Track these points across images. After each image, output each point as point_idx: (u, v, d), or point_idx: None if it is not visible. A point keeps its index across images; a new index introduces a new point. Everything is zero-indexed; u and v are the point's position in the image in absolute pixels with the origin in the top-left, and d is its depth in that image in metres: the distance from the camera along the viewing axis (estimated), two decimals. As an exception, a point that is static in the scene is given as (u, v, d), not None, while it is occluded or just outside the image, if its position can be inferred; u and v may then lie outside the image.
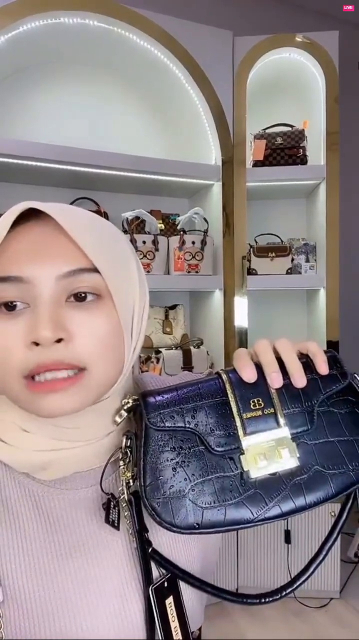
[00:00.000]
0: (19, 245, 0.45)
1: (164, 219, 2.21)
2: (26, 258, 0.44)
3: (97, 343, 0.45)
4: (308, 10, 2.74)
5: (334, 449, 0.48)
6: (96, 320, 0.45)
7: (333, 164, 2.07)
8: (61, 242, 0.45)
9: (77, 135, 1.97)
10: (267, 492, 0.46)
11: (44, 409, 0.44)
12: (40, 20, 1.76)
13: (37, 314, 0.43)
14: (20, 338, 0.43)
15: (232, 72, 2.05)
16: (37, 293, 0.44)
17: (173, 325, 2.13)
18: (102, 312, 0.46)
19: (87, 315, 0.45)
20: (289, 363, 0.48)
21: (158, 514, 0.44)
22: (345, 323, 2.25)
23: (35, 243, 0.45)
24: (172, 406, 0.47)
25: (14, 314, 0.44)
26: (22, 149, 1.70)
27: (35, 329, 0.42)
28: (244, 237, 2.06)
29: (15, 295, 0.44)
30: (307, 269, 2.17)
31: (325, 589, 2.09)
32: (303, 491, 0.47)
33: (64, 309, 0.44)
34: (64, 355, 0.43)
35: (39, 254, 0.44)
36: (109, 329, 0.46)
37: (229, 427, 0.47)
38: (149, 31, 1.88)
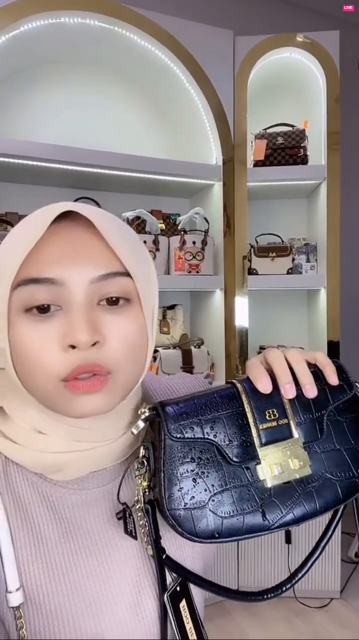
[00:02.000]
0: (52, 247, 0.44)
1: (165, 219, 2.21)
2: (60, 260, 0.44)
3: (127, 346, 0.46)
4: (309, 10, 2.74)
5: (341, 457, 0.51)
6: (127, 325, 0.46)
7: (334, 163, 2.07)
8: (95, 245, 0.45)
9: (77, 135, 1.97)
10: (282, 500, 0.48)
11: (78, 409, 0.45)
12: (41, 20, 1.76)
13: (73, 317, 0.43)
14: (55, 341, 0.43)
15: (233, 71, 2.05)
16: (71, 296, 0.44)
17: (171, 325, 2.13)
18: (132, 316, 0.47)
19: (119, 319, 0.46)
20: (301, 374, 0.49)
21: (180, 525, 0.45)
22: (346, 323, 2.25)
23: (69, 245, 0.45)
24: (192, 417, 0.48)
25: (46, 316, 0.44)
26: (22, 149, 1.70)
27: (73, 332, 0.43)
28: (244, 237, 2.06)
29: (48, 297, 0.43)
30: (308, 269, 2.17)
31: (326, 589, 2.09)
32: (314, 498, 0.49)
33: (96, 312, 0.45)
34: (98, 358, 0.44)
35: (73, 257, 0.44)
36: (137, 333, 0.47)
37: (246, 437, 0.48)
38: (149, 31, 1.87)
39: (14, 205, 1.97)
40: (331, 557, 2.09)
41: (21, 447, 0.48)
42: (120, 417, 0.51)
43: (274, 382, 0.49)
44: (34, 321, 0.44)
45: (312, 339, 2.35)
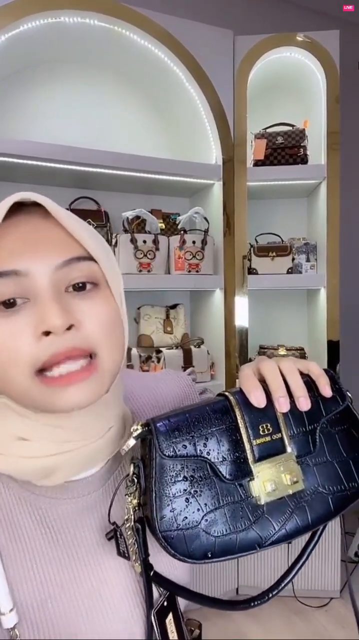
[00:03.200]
0: (10, 239, 0.43)
1: (165, 219, 2.21)
2: (21, 251, 0.43)
3: (103, 328, 0.45)
4: (309, 10, 2.73)
5: (334, 470, 0.50)
6: (98, 308, 0.45)
7: (334, 163, 2.07)
8: (54, 233, 0.44)
9: (77, 135, 1.96)
10: (275, 516, 0.47)
11: (61, 403, 0.43)
12: (41, 20, 1.76)
13: (43, 304, 0.42)
14: (27, 332, 0.42)
15: (233, 71, 2.05)
16: (37, 285, 0.42)
17: (174, 324, 2.13)
18: (102, 299, 0.46)
19: (89, 303, 0.45)
20: (294, 386, 0.48)
21: (172, 547, 0.44)
22: (345, 323, 2.25)
23: (28, 235, 0.44)
24: (184, 434, 0.46)
25: (13, 310, 0.42)
26: (22, 149, 1.70)
27: (45, 318, 0.41)
28: (244, 236, 2.06)
29: (14, 291, 0.42)
30: (307, 269, 2.17)
31: (325, 588, 2.09)
32: (307, 512, 0.48)
33: (66, 298, 0.44)
34: (76, 342, 0.43)
35: (34, 246, 0.43)
36: (111, 315, 0.46)
37: (240, 454, 0.47)
38: (149, 30, 1.87)
39: (13, 204, 1.97)
40: (331, 557, 2.09)
41: (5, 457, 0.45)
42: (104, 411, 0.49)
43: (268, 395, 0.48)
44: (0, 317, 0.42)
45: (312, 338, 2.35)
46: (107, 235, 2.05)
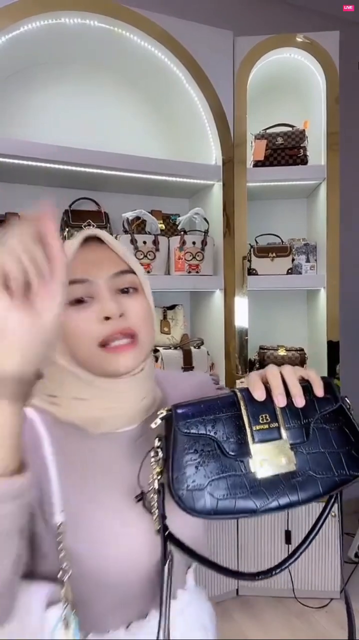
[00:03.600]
0: (80, 259, 0.63)
1: (165, 219, 2.21)
2: (88, 267, 0.63)
3: (141, 318, 0.64)
4: (309, 11, 2.74)
5: (324, 459, 0.60)
6: (138, 305, 0.65)
7: (334, 164, 2.07)
8: (108, 254, 0.65)
9: (77, 135, 1.97)
10: (269, 490, 0.57)
11: (114, 366, 0.61)
12: (41, 21, 1.76)
13: (103, 300, 0.61)
14: (93, 319, 0.61)
15: (233, 72, 2.05)
16: (99, 288, 0.62)
17: (171, 325, 2.13)
18: (139, 299, 0.66)
19: (132, 301, 0.64)
20: (291, 387, 0.58)
21: (182, 502, 0.55)
22: (345, 323, 2.25)
23: (92, 256, 0.64)
24: (197, 417, 0.58)
25: (82, 306, 0.62)
26: (22, 149, 1.70)
27: (105, 309, 0.61)
28: (244, 237, 2.06)
29: (82, 292, 0.62)
30: (307, 269, 2.17)
31: (325, 589, 2.09)
32: (297, 490, 0.59)
33: (117, 297, 0.63)
34: (124, 325, 0.62)
35: (96, 264, 0.63)
36: (146, 310, 0.66)
37: (242, 436, 0.58)
38: (149, 31, 1.88)
39: (14, 205, 1.97)
40: (331, 557, 2.09)
41: (66, 410, 0.63)
42: (141, 384, 0.66)
43: (269, 393, 0.58)
44: (75, 310, 0.61)
45: (312, 339, 2.35)
46: (107, 236, 2.05)
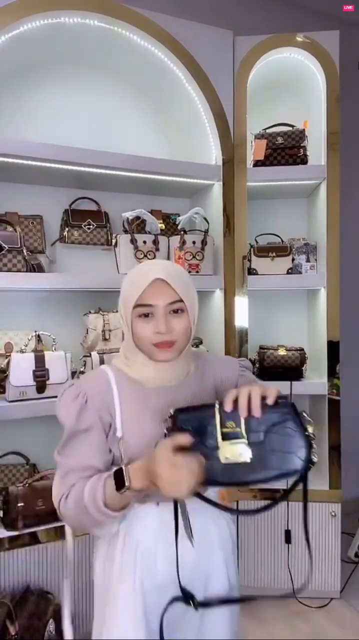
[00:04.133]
0: (149, 290, 0.95)
1: (165, 219, 2.21)
2: (153, 296, 0.95)
3: (181, 333, 0.98)
4: (309, 10, 2.73)
5: (276, 456, 0.86)
6: (183, 323, 0.98)
7: (334, 163, 2.07)
8: (166, 288, 0.95)
9: (77, 135, 1.96)
10: (232, 472, 0.85)
11: (158, 358, 0.98)
12: (41, 20, 1.76)
13: (159, 319, 0.95)
14: (150, 330, 0.96)
15: (233, 71, 2.05)
16: (158, 310, 0.95)
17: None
18: (185, 319, 0.98)
19: (178, 320, 0.97)
20: (254, 406, 0.87)
21: None
22: (345, 323, 2.25)
23: (156, 289, 0.95)
24: (189, 417, 0.88)
25: (147, 319, 0.97)
26: (22, 149, 1.70)
27: (159, 326, 0.95)
28: (244, 237, 2.06)
29: (148, 311, 0.96)
30: (307, 269, 2.17)
31: (325, 589, 2.09)
32: (254, 475, 0.85)
33: (168, 316, 0.96)
34: (169, 339, 0.96)
35: (158, 295, 0.95)
36: (187, 326, 0.99)
37: (214, 435, 0.86)
38: (149, 31, 1.88)
39: (14, 205, 1.97)
40: (331, 557, 2.09)
41: (137, 373, 1.01)
42: (179, 367, 1.03)
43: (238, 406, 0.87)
44: (142, 321, 0.97)
45: (312, 339, 2.35)
46: (107, 236, 2.05)
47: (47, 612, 1.59)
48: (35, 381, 1.69)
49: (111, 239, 2.03)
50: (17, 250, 1.70)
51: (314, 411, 2.33)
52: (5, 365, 1.72)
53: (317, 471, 2.26)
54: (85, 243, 2.02)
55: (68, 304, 2.06)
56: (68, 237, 1.99)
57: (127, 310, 0.97)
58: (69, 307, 2.06)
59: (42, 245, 1.98)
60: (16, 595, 1.61)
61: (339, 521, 2.09)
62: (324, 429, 2.12)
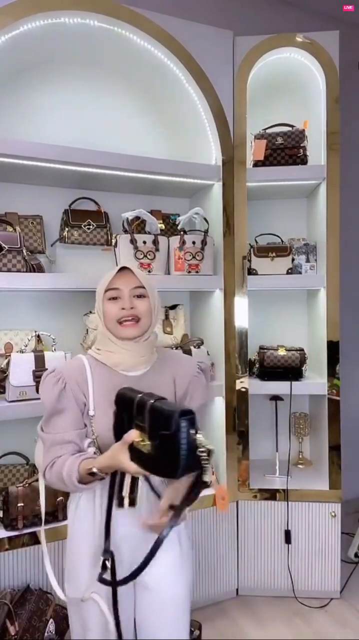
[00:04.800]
0: (116, 279, 1.17)
1: (165, 219, 2.21)
2: (120, 282, 1.17)
3: (144, 311, 1.16)
4: (308, 10, 2.74)
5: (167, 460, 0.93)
6: (144, 304, 1.17)
7: (334, 164, 2.07)
8: (131, 276, 1.17)
9: (77, 135, 1.96)
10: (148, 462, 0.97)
11: (124, 334, 1.15)
12: (41, 20, 1.76)
13: (124, 300, 1.15)
14: (117, 308, 1.15)
15: (233, 72, 2.05)
16: (124, 293, 1.16)
17: (173, 325, 2.13)
18: (147, 303, 1.17)
19: (141, 302, 1.17)
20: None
21: None
22: (345, 323, 2.25)
23: (123, 277, 1.17)
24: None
25: (115, 301, 1.16)
26: (22, 149, 1.70)
27: (125, 304, 1.15)
28: (244, 237, 2.06)
29: (116, 294, 1.16)
30: (307, 269, 2.17)
31: (325, 589, 2.09)
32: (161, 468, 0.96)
33: (133, 299, 1.16)
34: (133, 313, 1.15)
35: (124, 282, 1.17)
36: (148, 308, 1.17)
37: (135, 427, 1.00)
38: (149, 31, 1.88)
39: (14, 205, 1.97)
40: (331, 557, 2.09)
41: (105, 358, 1.18)
42: (145, 349, 1.19)
43: None
44: (111, 303, 1.16)
45: (312, 339, 2.35)
46: (107, 236, 2.05)
47: (47, 612, 1.59)
48: (35, 381, 1.69)
49: (111, 239, 2.03)
50: (17, 250, 1.70)
51: (314, 411, 2.34)
52: (5, 365, 1.72)
53: (317, 471, 2.26)
54: (85, 243, 2.02)
55: (68, 304, 2.06)
56: (68, 237, 1.99)
57: (100, 296, 1.18)
58: (69, 307, 2.06)
59: (42, 245, 1.98)
60: (16, 595, 1.61)
61: (339, 521, 2.09)
62: (324, 429, 2.12)
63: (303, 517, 2.09)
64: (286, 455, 2.18)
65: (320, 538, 2.08)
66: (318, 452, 2.29)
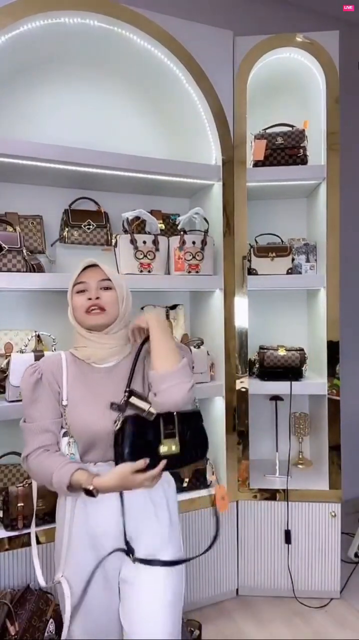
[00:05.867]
0: (85, 273, 1.27)
1: (165, 219, 2.21)
2: (87, 276, 1.26)
3: (110, 302, 1.25)
4: (308, 10, 2.74)
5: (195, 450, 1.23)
6: (109, 296, 1.25)
7: (334, 164, 2.07)
8: (99, 271, 1.27)
9: (77, 135, 1.96)
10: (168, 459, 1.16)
11: (92, 322, 1.24)
12: (41, 20, 1.76)
13: (91, 292, 1.24)
14: (84, 299, 1.24)
15: (233, 72, 2.05)
16: (91, 286, 1.25)
17: (173, 325, 2.13)
18: (113, 294, 1.26)
19: (107, 294, 1.25)
20: None
21: None
22: (345, 323, 2.25)
23: (89, 273, 1.27)
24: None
25: (82, 293, 1.25)
26: (22, 149, 1.70)
27: (91, 295, 1.24)
28: (244, 237, 2.06)
29: (84, 287, 1.25)
30: (307, 269, 2.17)
31: (325, 589, 2.09)
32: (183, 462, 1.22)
33: (99, 290, 1.25)
34: (99, 303, 1.23)
35: (91, 275, 1.26)
36: (114, 298, 1.25)
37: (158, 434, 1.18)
38: (149, 31, 1.88)
39: (14, 205, 1.97)
40: (331, 557, 2.09)
41: (78, 352, 1.26)
42: (115, 340, 1.26)
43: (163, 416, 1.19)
44: (79, 295, 1.25)
45: (312, 339, 2.35)
46: (107, 236, 2.05)
47: (47, 612, 1.59)
48: (35, 381, 1.69)
49: (111, 239, 2.03)
50: (17, 250, 1.70)
51: (314, 411, 2.34)
52: (5, 365, 1.72)
53: (317, 471, 2.26)
54: (85, 243, 2.02)
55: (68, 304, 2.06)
56: (68, 237, 1.99)
57: (70, 291, 1.26)
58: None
59: (42, 245, 1.98)
60: (16, 595, 1.61)
61: (339, 521, 2.09)
62: (324, 429, 2.12)
63: (303, 517, 2.09)
64: (286, 455, 2.18)
65: (320, 538, 2.08)
66: (318, 452, 2.29)
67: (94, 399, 1.20)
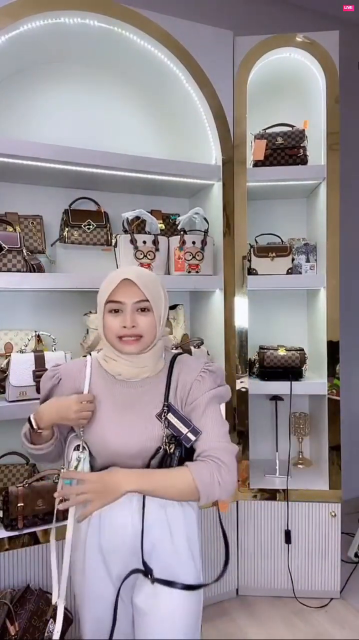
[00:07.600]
0: (119, 289, 1.07)
1: (165, 219, 2.21)
2: (122, 294, 1.07)
3: (147, 328, 1.08)
4: (308, 10, 2.74)
5: None
6: (147, 320, 1.08)
7: (334, 164, 2.07)
8: (134, 288, 1.07)
9: (77, 135, 1.96)
10: None
11: (126, 349, 1.09)
12: (41, 20, 1.76)
13: (126, 315, 1.06)
14: (118, 324, 1.07)
15: (233, 72, 2.05)
16: (126, 307, 1.07)
17: (173, 325, 2.13)
18: (150, 317, 1.09)
19: (144, 318, 1.08)
20: None
21: None
22: (345, 323, 2.25)
23: (125, 289, 1.07)
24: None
25: (116, 314, 1.08)
26: (22, 149, 1.70)
27: (125, 321, 1.06)
28: (244, 237, 2.06)
29: (118, 307, 1.07)
30: (307, 269, 2.17)
31: (325, 589, 2.09)
32: None
33: (135, 314, 1.07)
34: (135, 332, 1.07)
35: (127, 293, 1.07)
36: (152, 324, 1.09)
37: None
38: (149, 31, 1.88)
39: (14, 205, 1.97)
40: (331, 557, 2.09)
41: (108, 365, 1.14)
42: (148, 360, 1.12)
43: None
44: (112, 316, 1.08)
45: (312, 339, 2.35)
46: (107, 236, 2.05)
47: (47, 612, 1.59)
48: (35, 381, 1.69)
49: (111, 239, 2.03)
50: (17, 250, 1.70)
51: (314, 411, 2.34)
52: (5, 365, 1.72)
53: (317, 471, 2.26)
54: (85, 243, 2.02)
55: (68, 304, 2.06)
56: (68, 237, 1.99)
57: (101, 306, 1.09)
58: (69, 307, 2.06)
59: (42, 245, 1.98)
60: (16, 595, 1.61)
61: (339, 521, 2.09)
62: (324, 429, 2.12)
63: (303, 517, 2.09)
64: (286, 455, 2.18)
65: (320, 538, 2.08)
66: (318, 452, 2.28)
67: (119, 415, 1.09)
